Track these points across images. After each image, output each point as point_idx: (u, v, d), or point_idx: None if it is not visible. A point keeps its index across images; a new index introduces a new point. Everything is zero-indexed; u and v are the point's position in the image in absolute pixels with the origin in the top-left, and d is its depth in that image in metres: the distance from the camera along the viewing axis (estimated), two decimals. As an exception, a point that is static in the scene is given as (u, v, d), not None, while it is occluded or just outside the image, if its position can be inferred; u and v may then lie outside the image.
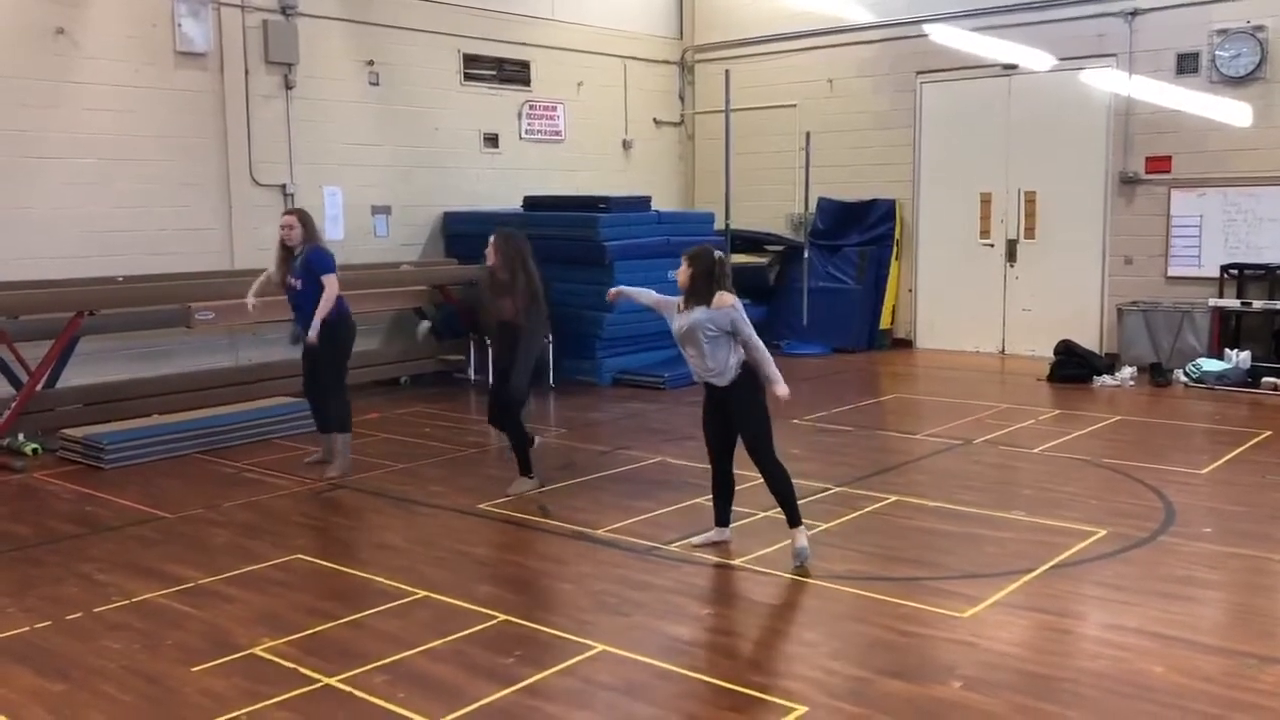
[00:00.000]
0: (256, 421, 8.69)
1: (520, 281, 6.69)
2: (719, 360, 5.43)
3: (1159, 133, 11.42)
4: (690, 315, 5.44)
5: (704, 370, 5.50)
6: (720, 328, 5.38)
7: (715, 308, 5.38)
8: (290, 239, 7.27)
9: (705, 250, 5.52)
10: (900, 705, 3.94)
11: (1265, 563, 5.43)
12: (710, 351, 5.43)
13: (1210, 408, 9.51)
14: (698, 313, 5.41)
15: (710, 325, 5.38)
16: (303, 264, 7.26)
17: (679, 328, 5.53)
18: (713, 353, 5.43)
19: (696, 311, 5.42)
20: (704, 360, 5.46)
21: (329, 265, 7.28)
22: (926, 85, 13.01)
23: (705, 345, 5.42)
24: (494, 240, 6.74)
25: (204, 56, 10.05)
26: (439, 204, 12.03)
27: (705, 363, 5.47)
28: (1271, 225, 10.75)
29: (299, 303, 7.32)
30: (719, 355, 5.43)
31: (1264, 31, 10.68)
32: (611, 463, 7.72)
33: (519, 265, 6.70)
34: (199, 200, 10.12)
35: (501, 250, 6.70)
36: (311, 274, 7.20)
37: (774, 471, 5.52)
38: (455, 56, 12.19)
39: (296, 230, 7.28)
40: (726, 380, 5.45)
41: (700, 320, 5.39)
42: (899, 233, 13.28)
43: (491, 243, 6.73)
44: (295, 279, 7.26)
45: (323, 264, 7.26)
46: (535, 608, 4.92)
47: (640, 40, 14.24)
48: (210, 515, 6.54)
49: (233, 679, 4.21)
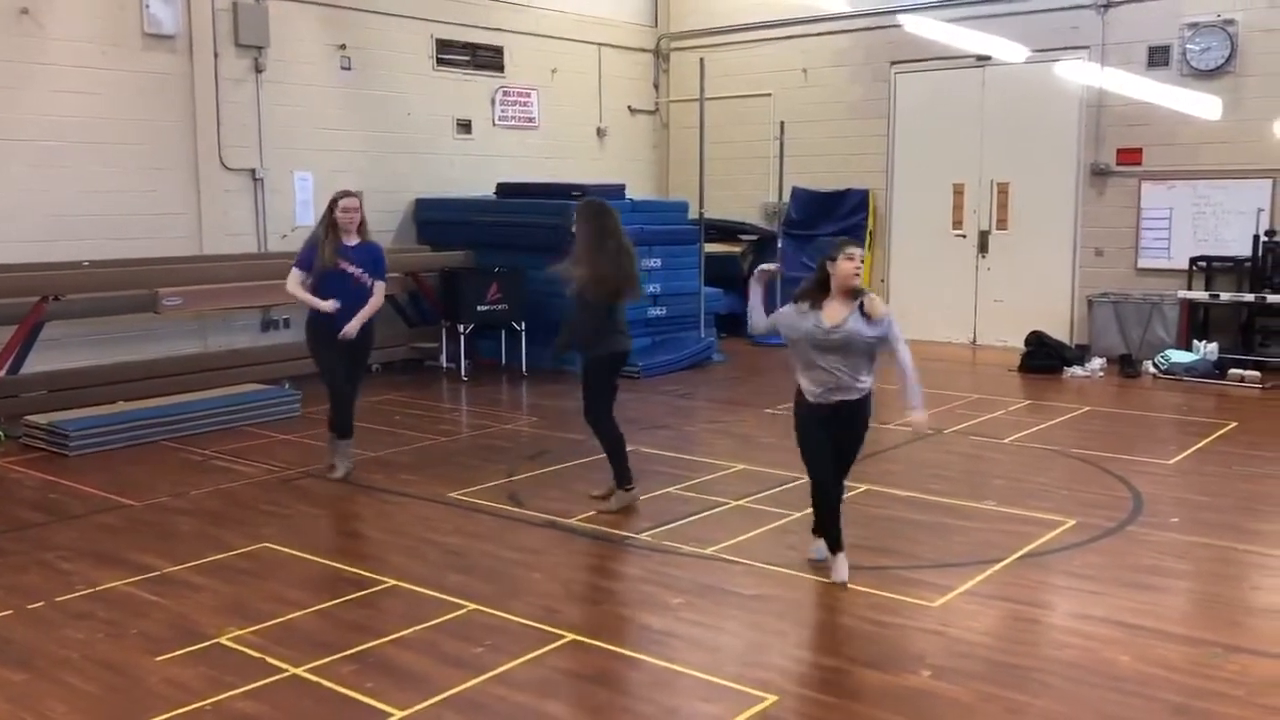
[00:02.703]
0: (225, 408, 8.61)
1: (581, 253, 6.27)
2: (868, 371, 4.91)
3: (1130, 125, 11.48)
4: (847, 322, 4.82)
5: (845, 384, 4.88)
6: (880, 336, 4.88)
7: (875, 315, 4.83)
8: (354, 223, 6.82)
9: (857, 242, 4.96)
10: (870, 694, 3.95)
11: (1231, 552, 5.48)
12: (866, 364, 4.90)
13: (1178, 399, 9.59)
14: (854, 320, 4.83)
15: (871, 334, 4.85)
16: (369, 256, 6.89)
17: (828, 335, 4.82)
18: (868, 365, 4.90)
19: (852, 318, 4.84)
20: (852, 373, 4.87)
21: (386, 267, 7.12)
22: (901, 75, 13.03)
23: (860, 356, 4.87)
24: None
25: (173, 39, 9.91)
26: (411, 190, 11.94)
27: (853, 376, 4.87)
28: (1239, 218, 10.84)
29: (347, 291, 6.79)
30: (869, 366, 4.91)
31: (1234, 25, 10.76)
32: (585, 451, 7.68)
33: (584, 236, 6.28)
34: (167, 184, 9.99)
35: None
36: (377, 270, 6.92)
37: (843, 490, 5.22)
38: (428, 41, 12.09)
39: (359, 214, 6.86)
40: (863, 394, 4.95)
41: (860, 329, 4.83)
42: (872, 223, 13.31)
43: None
44: (355, 266, 6.80)
45: (384, 264, 7.06)
46: (505, 597, 4.89)
47: (615, 27, 14.17)
48: (177, 503, 6.47)
49: (198, 668, 4.16)
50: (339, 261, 6.74)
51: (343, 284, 6.77)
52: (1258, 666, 4.13)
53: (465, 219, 11.69)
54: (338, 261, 6.74)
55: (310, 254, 6.81)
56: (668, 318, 11.54)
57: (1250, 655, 4.23)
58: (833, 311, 4.86)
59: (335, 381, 6.96)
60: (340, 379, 6.97)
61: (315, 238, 6.87)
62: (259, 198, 10.67)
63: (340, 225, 6.78)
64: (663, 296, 11.43)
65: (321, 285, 6.77)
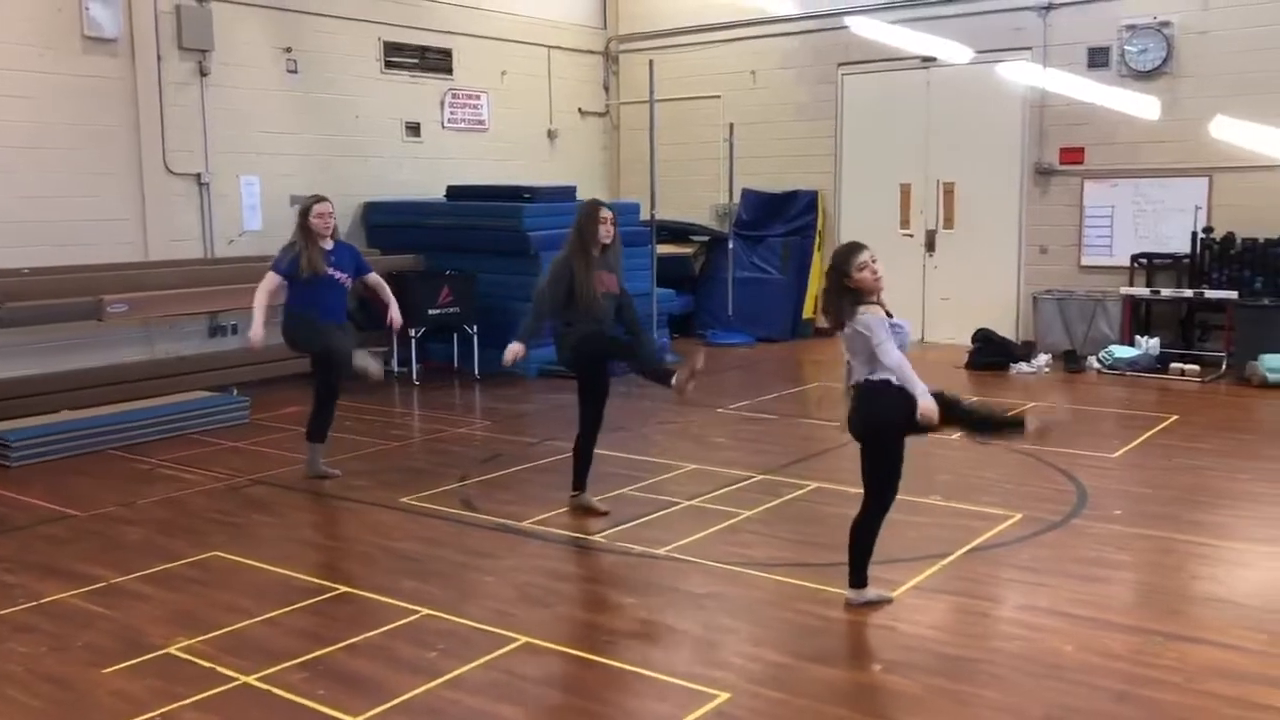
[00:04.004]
0: (172, 416, 8.51)
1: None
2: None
3: (1072, 125, 11.68)
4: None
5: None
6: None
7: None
8: (329, 228, 6.83)
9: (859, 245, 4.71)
10: (821, 690, 4.00)
11: (1171, 543, 5.60)
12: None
13: (1122, 393, 9.78)
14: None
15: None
16: (350, 256, 6.99)
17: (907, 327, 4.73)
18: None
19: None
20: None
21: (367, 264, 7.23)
22: (848, 77, 13.16)
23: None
24: (612, 214, 6.18)
25: (114, 42, 9.76)
26: (360, 194, 11.85)
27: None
28: (1179, 215, 11.06)
29: (335, 295, 6.87)
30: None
31: (1170, 27, 10.98)
32: (538, 454, 7.70)
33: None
34: (110, 190, 9.84)
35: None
36: (363, 266, 7.06)
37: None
38: (375, 44, 12.01)
39: (334, 219, 6.91)
40: None
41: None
42: (821, 223, 13.42)
43: (612, 217, 6.15)
44: (340, 271, 6.85)
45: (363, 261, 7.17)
46: (459, 601, 4.88)
47: (564, 29, 14.17)
48: (124, 513, 6.39)
49: (146, 680, 4.11)
50: (326, 268, 6.76)
51: (332, 289, 6.83)
52: (1196, 653, 4.23)
53: (415, 222, 11.63)
54: (325, 268, 6.75)
55: (292, 262, 6.76)
56: (620, 319, 11.54)
57: (1189, 643, 4.33)
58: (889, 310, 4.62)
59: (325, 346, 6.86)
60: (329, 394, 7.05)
61: (293, 246, 6.82)
62: (205, 202, 10.54)
63: (316, 231, 6.77)
64: (615, 298, 11.43)
65: (310, 292, 6.76)
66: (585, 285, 5.91)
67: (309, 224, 6.77)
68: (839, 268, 4.60)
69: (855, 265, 4.55)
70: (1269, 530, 5.78)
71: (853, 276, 4.56)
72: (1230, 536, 5.75)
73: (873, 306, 4.55)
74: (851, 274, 4.55)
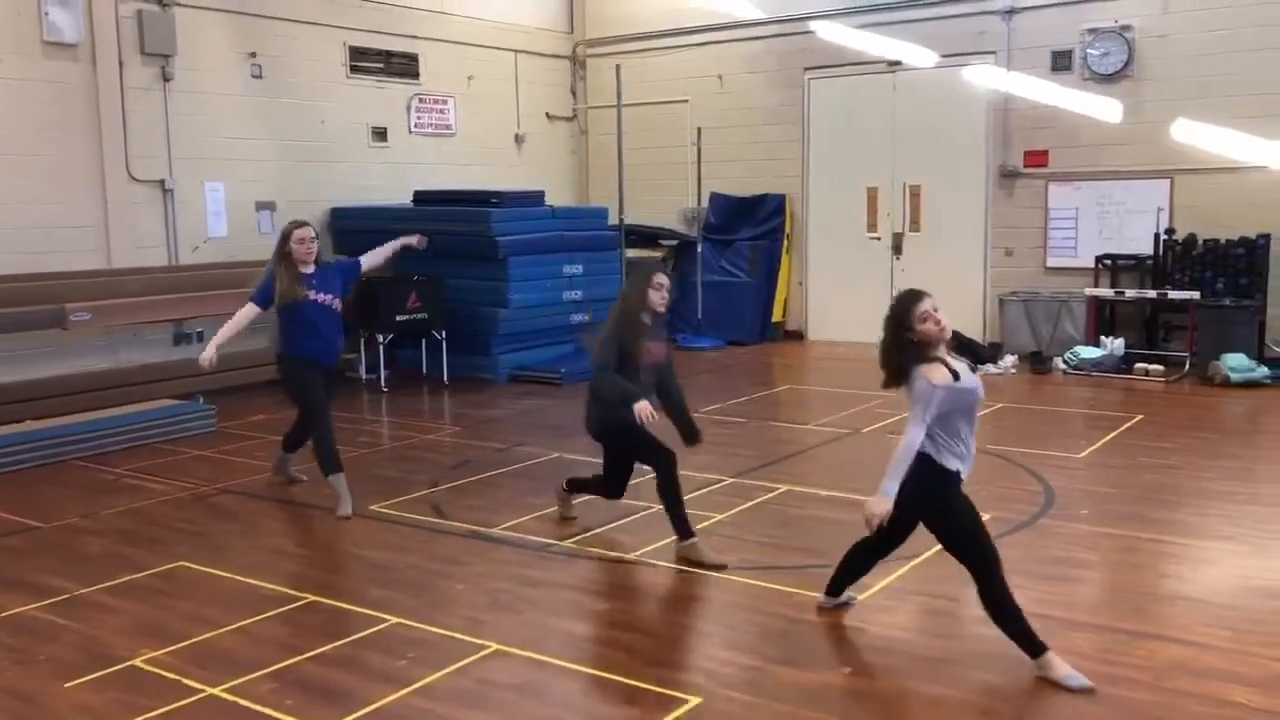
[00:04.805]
0: (137, 425, 8.41)
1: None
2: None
3: (1036, 128, 11.80)
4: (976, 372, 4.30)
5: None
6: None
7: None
8: (310, 254, 6.46)
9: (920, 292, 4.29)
10: (792, 693, 4.00)
11: (1136, 542, 5.66)
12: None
13: (1088, 393, 9.87)
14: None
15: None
16: (333, 276, 6.61)
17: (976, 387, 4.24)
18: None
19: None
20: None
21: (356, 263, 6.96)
22: (814, 81, 13.22)
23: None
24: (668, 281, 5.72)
25: (74, 47, 9.65)
26: (326, 199, 11.78)
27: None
28: (1141, 217, 11.20)
29: (327, 319, 6.50)
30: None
31: (1131, 31, 11.12)
32: (507, 460, 7.67)
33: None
34: (72, 197, 9.73)
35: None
36: (347, 281, 6.72)
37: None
38: (341, 49, 11.94)
39: (316, 244, 6.53)
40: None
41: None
42: (789, 227, 13.47)
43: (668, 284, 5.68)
44: (324, 294, 6.49)
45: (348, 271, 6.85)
46: (429, 609, 4.85)
47: (531, 34, 14.15)
48: (87, 524, 6.30)
49: (110, 693, 4.06)
50: (306, 293, 6.40)
51: (320, 318, 6.48)
52: (1163, 651, 4.27)
53: (382, 227, 11.43)
54: (304, 293, 6.39)
55: (264, 289, 6.50)
56: (590, 323, 11.53)
57: (1156, 640, 4.37)
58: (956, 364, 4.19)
59: (326, 413, 6.52)
60: (324, 417, 6.54)
61: (270, 273, 6.53)
62: (169, 209, 10.44)
63: (296, 257, 6.43)
64: (585, 302, 11.44)
65: (300, 319, 6.43)
66: (633, 355, 5.49)
67: (289, 250, 6.43)
68: (899, 319, 4.17)
69: (917, 316, 4.14)
70: (1232, 528, 5.85)
71: (915, 329, 4.13)
72: (1195, 535, 5.82)
73: (933, 366, 4.09)
74: (914, 325, 4.13)
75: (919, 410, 4.09)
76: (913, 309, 4.16)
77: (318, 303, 6.47)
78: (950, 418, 4.15)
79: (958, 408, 4.15)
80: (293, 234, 6.47)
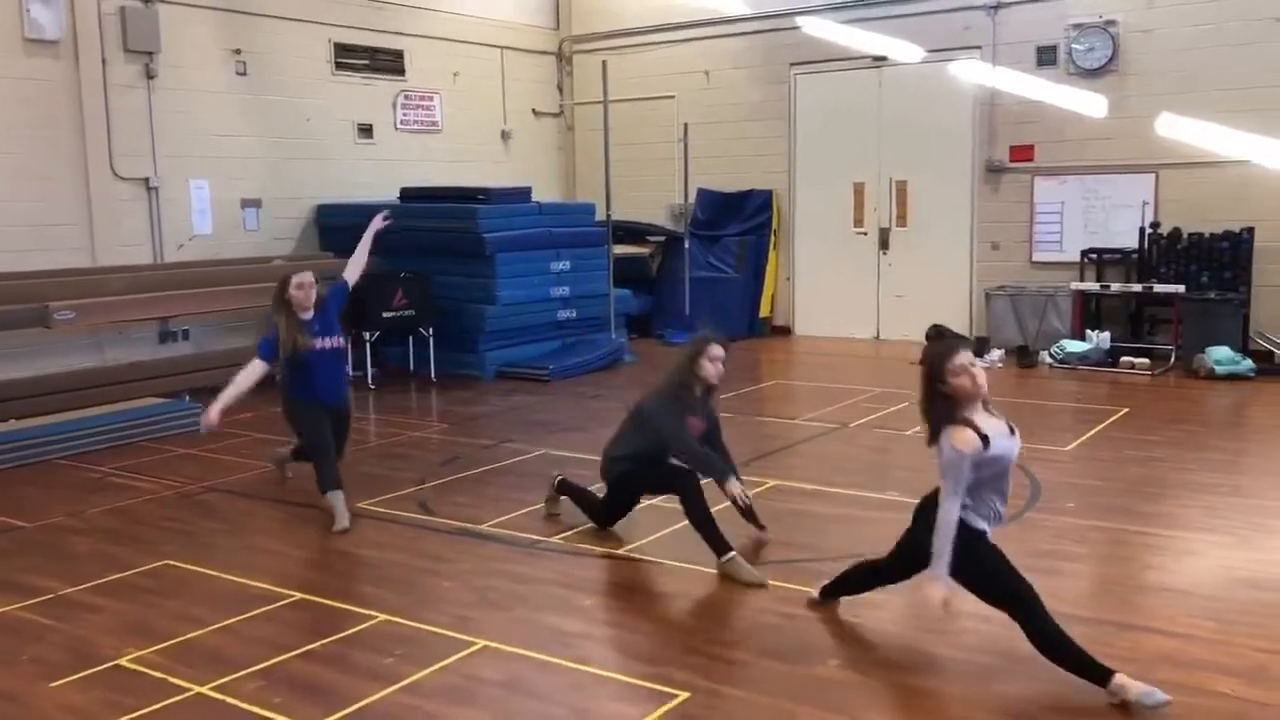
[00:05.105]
0: (123, 424, 8.36)
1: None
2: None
3: (1022, 122, 11.83)
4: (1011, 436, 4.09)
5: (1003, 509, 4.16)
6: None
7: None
8: (310, 300, 6.19)
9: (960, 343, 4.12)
10: (780, 686, 4.01)
11: (1123, 534, 5.69)
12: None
13: (1074, 387, 9.91)
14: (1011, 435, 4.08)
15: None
16: (334, 311, 6.32)
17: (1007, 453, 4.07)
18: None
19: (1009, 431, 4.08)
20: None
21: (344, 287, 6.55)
22: (800, 77, 13.23)
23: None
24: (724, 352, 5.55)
25: (56, 44, 9.59)
26: (312, 196, 11.74)
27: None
28: (1126, 211, 11.24)
29: (333, 366, 6.31)
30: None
31: (1115, 26, 11.16)
32: (495, 456, 7.66)
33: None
34: (56, 195, 9.67)
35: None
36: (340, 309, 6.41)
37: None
38: (326, 46, 11.90)
39: (315, 289, 6.23)
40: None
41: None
42: (776, 222, 13.48)
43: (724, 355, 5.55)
44: (328, 338, 6.25)
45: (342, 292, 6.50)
46: (416, 606, 4.84)
47: (517, 30, 14.13)
48: (72, 523, 6.27)
49: (96, 692, 4.04)
50: (312, 342, 6.16)
51: (326, 364, 6.26)
52: (1149, 642, 4.29)
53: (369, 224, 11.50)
54: (311, 343, 6.16)
55: (269, 344, 6.21)
56: (578, 320, 11.55)
57: (1142, 632, 4.40)
58: (991, 424, 4.04)
59: (330, 451, 6.29)
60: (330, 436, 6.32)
61: (271, 324, 6.26)
62: (153, 207, 10.39)
63: (296, 304, 6.17)
64: (572, 299, 11.44)
65: (306, 367, 6.19)
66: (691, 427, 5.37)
67: (288, 298, 6.17)
68: (932, 369, 3.99)
69: (951, 369, 3.94)
70: (1217, 520, 5.88)
71: (948, 382, 3.95)
72: (1180, 527, 5.85)
73: (960, 430, 3.91)
74: (946, 379, 3.96)
75: (950, 482, 3.91)
76: (947, 361, 3.96)
77: (324, 350, 6.25)
78: (981, 487, 3.99)
79: (987, 475, 3.98)
80: (291, 280, 6.21)
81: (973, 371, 3.94)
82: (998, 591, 4.02)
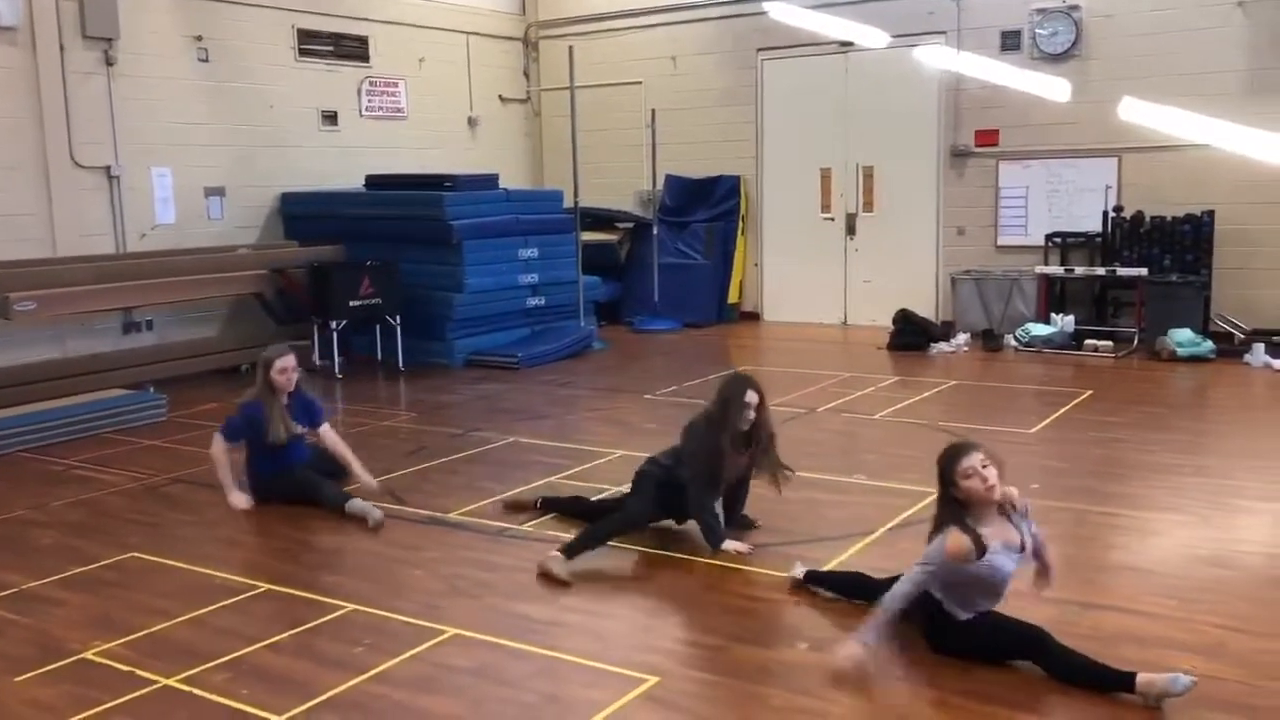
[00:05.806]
0: (86, 415, 8.27)
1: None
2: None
3: (986, 107, 11.90)
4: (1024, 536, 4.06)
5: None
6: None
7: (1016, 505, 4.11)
8: (292, 382, 6.16)
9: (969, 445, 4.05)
10: (749, 670, 4.04)
11: (1086, 515, 5.75)
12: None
13: (1039, 370, 10.01)
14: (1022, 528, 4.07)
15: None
16: (304, 408, 6.30)
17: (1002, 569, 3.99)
18: None
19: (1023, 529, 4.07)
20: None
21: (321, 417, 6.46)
22: (767, 62, 13.23)
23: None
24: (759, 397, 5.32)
25: (13, 30, 9.44)
26: (276, 184, 11.63)
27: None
28: (1090, 195, 11.35)
29: (296, 450, 6.27)
30: None
31: (1078, 11, 11.23)
32: (463, 445, 7.64)
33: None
34: (14, 184, 9.53)
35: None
36: (313, 420, 6.35)
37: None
38: (289, 32, 11.78)
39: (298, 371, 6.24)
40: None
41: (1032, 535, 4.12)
42: (744, 208, 13.50)
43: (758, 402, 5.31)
44: (300, 425, 6.25)
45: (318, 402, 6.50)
46: (385, 595, 4.83)
47: (482, 16, 14.04)
48: (36, 516, 6.20)
49: (62, 686, 4.01)
50: (295, 429, 6.19)
51: (296, 446, 6.27)
52: (1110, 620, 4.36)
53: (334, 212, 11.46)
54: (295, 430, 6.18)
55: (244, 428, 6.15)
56: (546, 307, 11.52)
57: (1103, 610, 4.46)
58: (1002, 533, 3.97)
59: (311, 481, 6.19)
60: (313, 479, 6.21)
61: (255, 410, 6.13)
62: (115, 196, 10.26)
63: (278, 387, 6.12)
64: (541, 286, 11.41)
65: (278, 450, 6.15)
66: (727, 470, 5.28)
67: (272, 381, 6.10)
68: (942, 473, 3.95)
69: (960, 472, 3.88)
70: (1178, 499, 5.97)
71: (959, 485, 3.89)
72: (1142, 507, 5.93)
73: (957, 535, 3.84)
74: (958, 482, 3.89)
75: (919, 569, 3.89)
76: (957, 464, 3.89)
77: (301, 436, 6.28)
78: (968, 590, 3.95)
79: (976, 584, 3.93)
80: (274, 363, 6.12)
81: (983, 474, 3.86)
82: (1004, 651, 3.96)
